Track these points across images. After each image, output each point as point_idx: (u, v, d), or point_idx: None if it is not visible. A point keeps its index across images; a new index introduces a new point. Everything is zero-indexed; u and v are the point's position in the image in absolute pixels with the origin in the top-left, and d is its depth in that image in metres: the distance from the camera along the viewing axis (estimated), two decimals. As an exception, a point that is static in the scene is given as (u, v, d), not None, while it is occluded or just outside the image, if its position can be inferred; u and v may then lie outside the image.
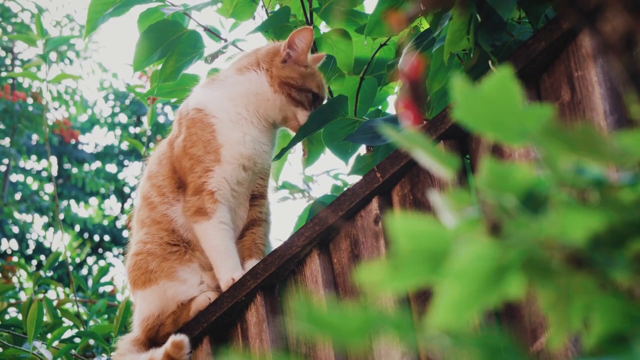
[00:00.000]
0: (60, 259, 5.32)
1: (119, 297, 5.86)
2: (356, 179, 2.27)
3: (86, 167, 9.00)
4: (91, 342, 3.58)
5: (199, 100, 2.55)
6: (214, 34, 2.86)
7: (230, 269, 2.39)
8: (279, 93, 2.51)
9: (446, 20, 2.11)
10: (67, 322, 3.91)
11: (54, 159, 8.82)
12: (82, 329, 3.71)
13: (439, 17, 2.14)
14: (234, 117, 2.51)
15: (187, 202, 2.47)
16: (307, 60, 2.55)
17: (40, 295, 4.82)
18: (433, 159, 0.90)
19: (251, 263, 2.40)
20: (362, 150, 2.71)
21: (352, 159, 2.69)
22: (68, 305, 4.53)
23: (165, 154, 2.57)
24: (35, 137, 8.39)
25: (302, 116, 2.52)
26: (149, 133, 4.12)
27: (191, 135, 2.50)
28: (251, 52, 2.62)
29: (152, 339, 2.45)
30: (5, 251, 8.08)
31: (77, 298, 4.04)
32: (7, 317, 4.54)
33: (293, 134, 2.56)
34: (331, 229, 2.15)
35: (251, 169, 2.50)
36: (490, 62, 2.04)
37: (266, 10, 2.88)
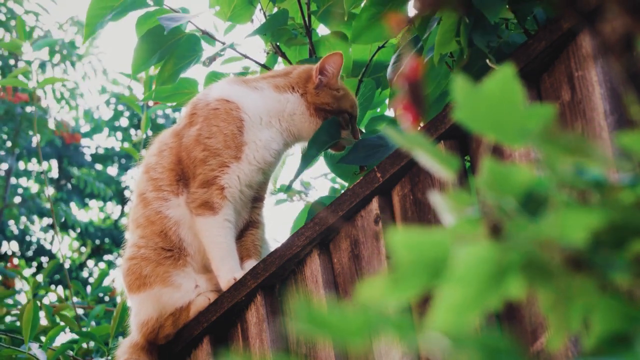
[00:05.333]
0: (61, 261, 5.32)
1: (119, 300, 5.85)
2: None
3: (87, 169, 9.00)
4: (91, 344, 3.57)
5: (227, 93, 2.52)
6: (211, 37, 2.86)
7: (231, 268, 2.38)
8: (315, 117, 2.54)
9: (434, 23, 2.12)
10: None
11: (54, 162, 8.83)
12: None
13: (427, 20, 2.14)
14: (265, 122, 2.51)
15: (193, 194, 2.43)
16: (338, 83, 2.58)
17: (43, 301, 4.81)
18: (433, 160, 0.90)
19: (250, 263, 2.39)
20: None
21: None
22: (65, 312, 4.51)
23: (169, 144, 2.53)
24: (35, 140, 8.39)
25: (344, 136, 2.55)
26: (144, 137, 4.11)
27: (210, 125, 2.46)
28: (284, 73, 2.63)
29: (152, 342, 2.45)
30: (5, 253, 8.08)
31: (76, 304, 4.04)
32: (7, 320, 4.53)
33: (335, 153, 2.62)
34: (331, 229, 2.15)
35: (266, 174, 2.50)
36: (488, 61, 2.04)
37: (264, 13, 2.87)
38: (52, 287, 5.37)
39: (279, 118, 2.53)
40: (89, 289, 4.68)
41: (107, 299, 6.62)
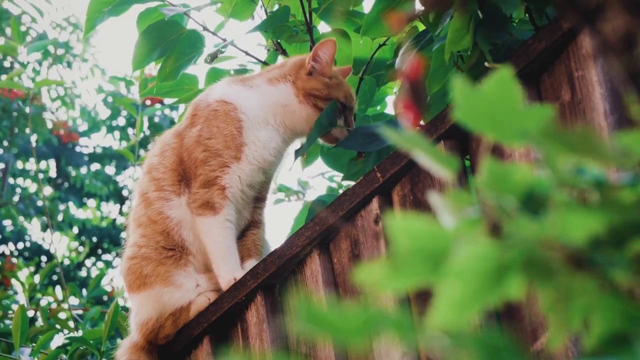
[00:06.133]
0: (59, 260, 5.32)
1: (120, 301, 5.84)
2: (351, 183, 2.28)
3: (85, 169, 8.99)
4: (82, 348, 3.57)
5: (226, 94, 2.53)
6: (212, 32, 2.86)
7: (231, 269, 2.38)
8: (304, 104, 2.52)
9: (447, 19, 2.11)
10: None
11: (52, 161, 8.83)
12: (75, 334, 3.69)
13: (440, 16, 2.13)
14: (262, 121, 2.51)
15: (194, 194, 2.44)
16: (332, 71, 2.56)
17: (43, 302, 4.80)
18: (433, 160, 0.90)
19: (251, 263, 2.40)
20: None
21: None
22: (62, 314, 4.50)
23: (171, 145, 2.54)
24: (33, 139, 8.40)
25: (339, 124, 2.53)
26: (140, 136, 4.10)
27: (211, 127, 2.48)
28: (280, 65, 2.63)
29: (152, 342, 2.44)
30: (3, 252, 8.08)
31: (72, 306, 4.03)
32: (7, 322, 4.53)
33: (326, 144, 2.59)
34: (331, 229, 2.15)
35: (267, 174, 2.51)
36: (486, 63, 2.03)
37: (265, 10, 2.88)
38: (50, 288, 5.35)
39: (273, 112, 2.53)
40: (87, 289, 4.68)
41: (105, 298, 6.61)
